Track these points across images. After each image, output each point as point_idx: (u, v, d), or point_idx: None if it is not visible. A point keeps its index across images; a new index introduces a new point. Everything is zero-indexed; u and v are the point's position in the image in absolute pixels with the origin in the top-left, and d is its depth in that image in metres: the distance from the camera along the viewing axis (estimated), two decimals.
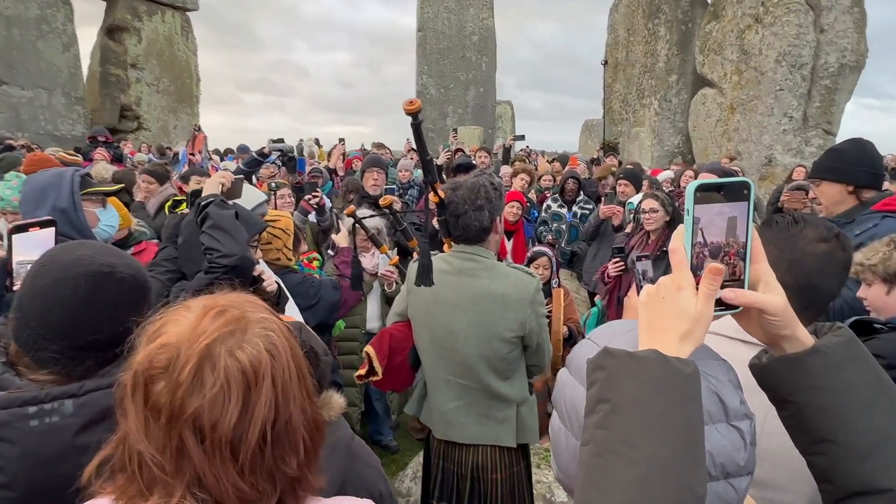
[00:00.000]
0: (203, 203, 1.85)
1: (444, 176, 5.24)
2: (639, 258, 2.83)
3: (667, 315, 0.68)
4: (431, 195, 1.88)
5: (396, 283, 3.30)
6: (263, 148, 3.90)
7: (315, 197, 3.88)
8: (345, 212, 2.84)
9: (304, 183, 4.27)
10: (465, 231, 1.95)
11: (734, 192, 0.69)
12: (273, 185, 3.80)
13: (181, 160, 5.92)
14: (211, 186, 1.96)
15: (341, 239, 2.89)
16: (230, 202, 1.95)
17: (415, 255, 2.69)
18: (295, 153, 4.24)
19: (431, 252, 1.86)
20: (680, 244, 0.69)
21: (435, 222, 2.44)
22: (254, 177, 4.34)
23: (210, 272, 1.73)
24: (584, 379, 0.75)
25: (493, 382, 1.97)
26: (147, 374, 0.70)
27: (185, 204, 2.61)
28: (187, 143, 5.81)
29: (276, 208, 3.83)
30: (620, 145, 14.36)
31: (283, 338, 0.75)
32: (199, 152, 5.78)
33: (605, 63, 8.56)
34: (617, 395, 0.64)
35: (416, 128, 1.61)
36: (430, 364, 2.06)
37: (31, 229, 1.51)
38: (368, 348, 2.09)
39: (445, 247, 2.15)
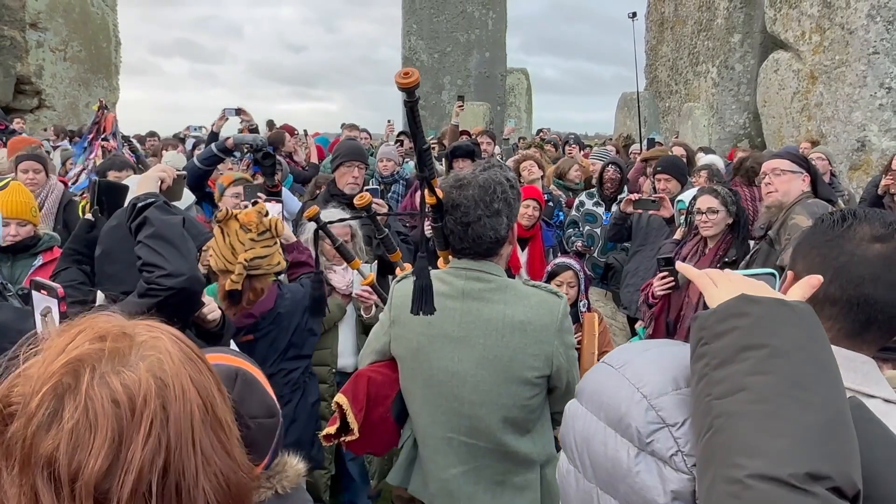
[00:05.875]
0: (141, 204, 1.87)
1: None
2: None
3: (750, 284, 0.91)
4: (427, 194, 1.88)
5: (376, 305, 3.31)
6: (227, 140, 3.84)
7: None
8: (305, 214, 2.86)
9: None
10: (476, 243, 1.95)
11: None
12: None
13: (78, 149, 5.89)
14: (148, 183, 1.98)
15: (287, 233, 3.03)
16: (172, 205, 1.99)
17: (398, 272, 2.71)
18: (269, 147, 4.09)
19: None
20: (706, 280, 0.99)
21: (428, 229, 2.45)
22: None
23: (148, 295, 1.74)
24: (597, 408, 0.81)
25: (511, 439, 1.97)
26: (1, 413, 0.71)
27: (86, 205, 2.63)
28: (93, 125, 5.80)
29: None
30: (668, 125, 14.43)
31: (183, 366, 0.75)
32: (113, 136, 5.80)
33: (634, 16, 8.33)
34: (775, 339, 0.80)
35: (412, 107, 1.61)
36: (425, 418, 2.05)
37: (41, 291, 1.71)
38: (340, 397, 2.07)
39: (440, 261, 2.16)
